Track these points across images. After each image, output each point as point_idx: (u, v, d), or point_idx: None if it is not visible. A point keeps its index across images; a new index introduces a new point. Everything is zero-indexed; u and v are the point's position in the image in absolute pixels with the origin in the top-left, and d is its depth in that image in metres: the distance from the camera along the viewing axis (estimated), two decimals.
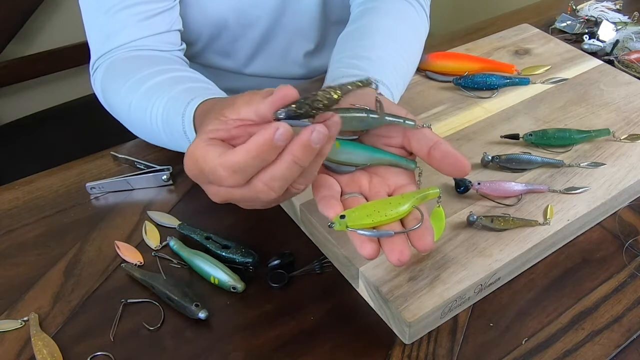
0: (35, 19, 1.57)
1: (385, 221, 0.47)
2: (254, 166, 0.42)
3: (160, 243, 0.64)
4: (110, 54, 0.71)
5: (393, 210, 0.48)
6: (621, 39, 0.93)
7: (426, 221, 0.48)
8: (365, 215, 0.47)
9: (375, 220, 0.47)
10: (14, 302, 0.59)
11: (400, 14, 0.76)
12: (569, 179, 0.67)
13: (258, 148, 0.41)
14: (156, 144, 0.71)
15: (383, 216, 0.47)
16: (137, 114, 0.66)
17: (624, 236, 0.65)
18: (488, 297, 0.59)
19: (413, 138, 0.51)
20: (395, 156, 0.53)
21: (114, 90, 0.69)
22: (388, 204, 0.48)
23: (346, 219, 0.46)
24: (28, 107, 1.44)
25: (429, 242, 0.47)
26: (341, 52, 0.71)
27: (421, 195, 0.49)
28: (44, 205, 0.69)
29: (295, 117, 0.43)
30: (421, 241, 0.47)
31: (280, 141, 0.41)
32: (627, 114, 0.77)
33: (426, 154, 0.51)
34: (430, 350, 0.55)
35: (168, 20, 0.73)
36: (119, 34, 0.70)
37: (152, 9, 0.71)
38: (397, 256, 0.46)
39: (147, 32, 0.71)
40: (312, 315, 0.58)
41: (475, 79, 0.80)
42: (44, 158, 1.05)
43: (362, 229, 0.46)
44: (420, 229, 0.47)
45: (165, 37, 0.73)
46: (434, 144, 0.50)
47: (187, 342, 0.56)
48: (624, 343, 0.55)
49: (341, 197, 0.51)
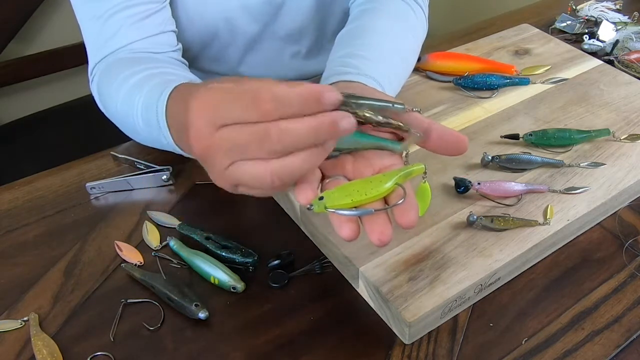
0: (35, 19, 1.57)
1: (366, 200, 0.45)
2: (295, 108, 0.40)
3: (160, 243, 0.64)
4: (106, 59, 0.71)
5: (374, 189, 0.46)
6: (621, 39, 0.93)
7: (409, 197, 0.46)
8: (345, 195, 0.45)
9: (355, 200, 0.45)
10: (14, 302, 0.59)
11: (398, 15, 0.77)
12: (569, 179, 0.67)
13: (310, 93, 0.40)
14: (146, 143, 0.70)
15: (363, 195, 0.45)
16: (123, 111, 0.65)
17: (624, 236, 0.65)
18: (488, 297, 0.59)
19: (404, 122, 0.51)
20: (380, 139, 0.51)
21: (107, 93, 0.69)
22: (369, 182, 0.46)
23: (324, 200, 0.45)
24: (28, 107, 1.44)
25: (412, 218, 0.45)
26: (338, 51, 0.71)
27: (404, 172, 0.47)
28: (44, 205, 0.69)
29: None
30: (404, 217, 0.45)
31: (328, 103, 0.40)
32: (627, 114, 0.77)
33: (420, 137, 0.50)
34: (430, 350, 0.55)
35: (160, 22, 0.73)
36: (113, 38, 0.71)
37: (142, 11, 0.71)
38: (378, 236, 0.44)
39: (139, 35, 0.71)
40: (312, 315, 0.58)
41: (475, 79, 0.80)
42: (44, 158, 1.04)
43: (341, 209, 0.45)
44: (403, 205, 0.45)
45: (158, 39, 0.73)
46: (427, 126, 0.49)
47: (187, 342, 0.56)
48: (624, 343, 0.55)
49: (323, 181, 0.49)
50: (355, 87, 0.60)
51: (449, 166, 0.68)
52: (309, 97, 0.40)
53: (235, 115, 0.41)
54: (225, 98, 0.42)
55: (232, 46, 0.87)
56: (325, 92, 0.41)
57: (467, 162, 0.69)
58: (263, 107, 0.40)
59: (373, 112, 0.47)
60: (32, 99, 1.65)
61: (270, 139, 0.40)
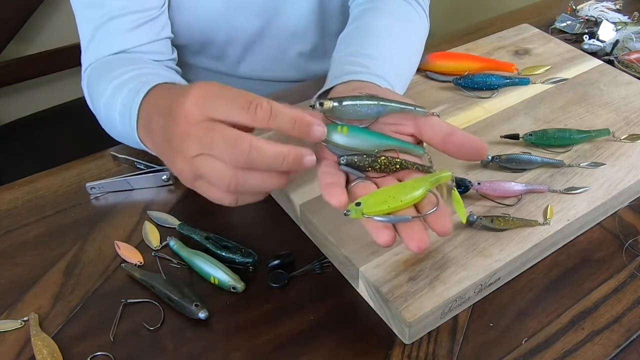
0: (35, 19, 1.57)
1: (401, 206, 0.46)
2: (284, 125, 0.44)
3: (160, 243, 0.64)
4: (99, 61, 0.71)
5: (408, 195, 0.47)
6: (621, 39, 0.93)
7: (442, 204, 0.47)
8: (381, 202, 0.46)
9: (391, 206, 0.46)
10: (14, 302, 0.59)
11: (400, 14, 0.76)
12: (569, 179, 0.67)
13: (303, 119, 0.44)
14: (120, 138, 0.71)
15: (399, 201, 0.46)
16: (105, 112, 0.66)
17: (624, 236, 0.65)
18: (488, 297, 0.59)
19: (424, 126, 0.52)
20: (404, 142, 0.52)
21: (95, 91, 0.69)
22: (402, 188, 0.47)
23: (362, 206, 0.46)
24: (28, 107, 1.44)
25: (447, 224, 0.46)
26: (341, 50, 0.71)
27: (434, 178, 0.49)
28: (44, 205, 0.69)
29: (353, 166, 0.49)
30: (440, 224, 0.46)
31: (313, 135, 0.45)
32: (627, 114, 0.77)
33: (441, 142, 0.51)
34: (430, 351, 0.55)
35: (155, 29, 0.73)
36: (109, 43, 0.71)
37: (138, 19, 0.71)
38: (417, 243, 0.45)
39: (135, 42, 0.71)
40: (312, 315, 0.58)
41: (475, 79, 0.80)
42: (44, 158, 1.04)
43: (378, 215, 0.46)
44: (437, 212, 0.46)
45: (153, 47, 0.73)
46: (449, 132, 0.51)
47: (187, 342, 0.56)
48: (624, 343, 0.55)
49: (348, 184, 0.50)
50: (370, 87, 0.60)
51: (448, 166, 0.68)
52: (301, 122, 0.44)
53: (228, 113, 0.44)
54: (225, 95, 0.44)
55: (234, 42, 0.87)
56: (315, 124, 0.45)
57: (467, 162, 0.69)
58: (257, 113, 0.43)
59: (387, 159, 0.51)
60: (32, 99, 1.65)
61: (241, 149, 0.43)
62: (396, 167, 0.50)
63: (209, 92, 0.45)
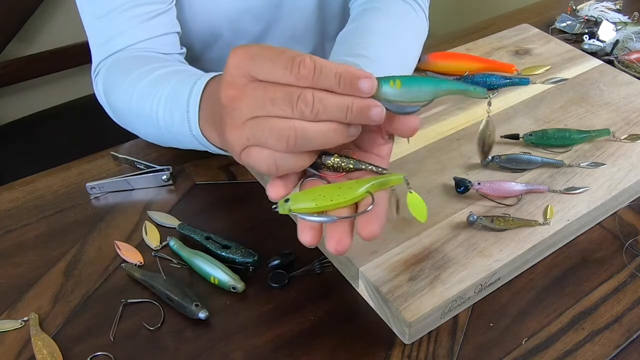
0: (35, 19, 1.57)
1: (331, 206, 0.44)
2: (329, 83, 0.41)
3: (160, 243, 0.64)
4: (111, 57, 0.71)
5: (340, 196, 0.44)
6: (621, 39, 0.93)
7: (378, 207, 0.44)
8: (310, 199, 0.44)
9: (319, 205, 0.44)
10: (14, 302, 0.59)
11: (399, 15, 0.76)
12: (569, 179, 0.67)
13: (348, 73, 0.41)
14: (153, 138, 0.70)
15: (328, 201, 0.44)
16: (138, 102, 0.65)
17: (624, 236, 0.65)
18: (488, 297, 0.59)
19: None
20: (463, 84, 0.47)
21: (117, 84, 0.68)
22: (337, 188, 0.44)
23: (289, 203, 0.44)
24: (28, 107, 1.44)
25: (373, 229, 0.43)
26: (339, 50, 0.71)
27: (379, 181, 0.45)
28: (44, 205, 0.69)
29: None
30: (365, 228, 0.43)
31: (362, 89, 0.41)
32: (627, 114, 0.77)
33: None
34: (430, 350, 0.55)
35: (166, 23, 0.73)
36: (119, 37, 0.71)
37: (150, 11, 0.71)
38: (334, 245, 0.43)
39: (146, 35, 0.71)
40: (312, 315, 0.58)
41: (475, 79, 0.80)
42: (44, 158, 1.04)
43: (304, 213, 0.43)
44: (368, 215, 0.43)
45: (164, 40, 0.73)
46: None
47: (187, 342, 0.56)
48: (624, 343, 0.55)
49: (304, 179, 0.48)
50: None
51: (448, 166, 0.69)
52: (346, 76, 0.41)
53: (271, 72, 0.41)
54: (264, 54, 0.42)
55: (235, 46, 0.87)
56: (363, 77, 0.41)
57: (467, 162, 0.69)
58: (301, 71, 0.40)
59: (341, 159, 0.47)
60: (32, 99, 1.66)
61: (305, 100, 0.40)
62: (349, 167, 0.47)
63: (249, 53, 0.42)
